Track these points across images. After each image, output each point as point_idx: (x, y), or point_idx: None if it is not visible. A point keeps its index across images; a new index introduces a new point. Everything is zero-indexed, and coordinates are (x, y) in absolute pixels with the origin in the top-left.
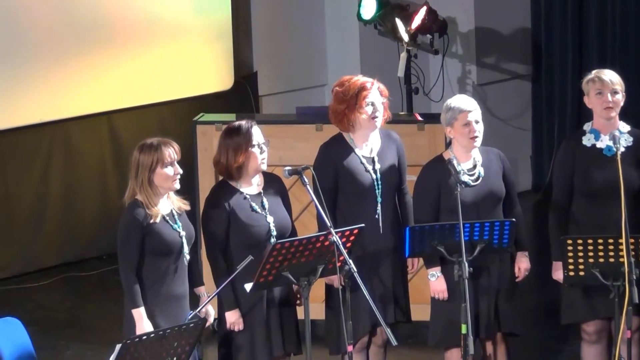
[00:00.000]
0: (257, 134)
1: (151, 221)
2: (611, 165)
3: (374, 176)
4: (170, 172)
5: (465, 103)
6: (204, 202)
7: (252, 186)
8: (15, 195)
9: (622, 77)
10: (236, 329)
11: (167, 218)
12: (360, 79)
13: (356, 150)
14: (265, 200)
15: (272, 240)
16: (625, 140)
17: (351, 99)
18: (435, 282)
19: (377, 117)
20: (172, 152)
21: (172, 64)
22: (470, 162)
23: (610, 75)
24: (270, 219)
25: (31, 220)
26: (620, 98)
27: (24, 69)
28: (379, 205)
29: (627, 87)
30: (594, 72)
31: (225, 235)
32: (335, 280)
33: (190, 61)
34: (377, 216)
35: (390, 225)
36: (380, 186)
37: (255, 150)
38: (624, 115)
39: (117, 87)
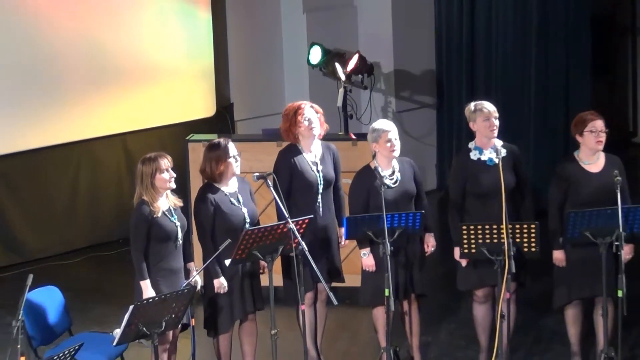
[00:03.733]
0: (232, 148)
1: (154, 215)
2: (493, 172)
3: (318, 175)
4: (167, 176)
5: (386, 125)
6: (195, 200)
7: (229, 186)
8: (54, 196)
9: (503, 104)
10: (221, 292)
11: (166, 212)
12: (298, 103)
13: (304, 154)
14: (239, 196)
15: (247, 225)
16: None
17: (292, 117)
18: (366, 259)
19: (314, 127)
20: (166, 161)
21: (169, 97)
22: (390, 170)
23: (491, 106)
24: (244, 210)
25: (65, 214)
26: (498, 122)
27: (59, 100)
28: (319, 196)
29: (507, 110)
30: (475, 104)
31: (212, 223)
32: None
33: (183, 95)
34: (317, 204)
35: (327, 211)
36: (322, 182)
37: (231, 160)
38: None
39: (129, 115)
